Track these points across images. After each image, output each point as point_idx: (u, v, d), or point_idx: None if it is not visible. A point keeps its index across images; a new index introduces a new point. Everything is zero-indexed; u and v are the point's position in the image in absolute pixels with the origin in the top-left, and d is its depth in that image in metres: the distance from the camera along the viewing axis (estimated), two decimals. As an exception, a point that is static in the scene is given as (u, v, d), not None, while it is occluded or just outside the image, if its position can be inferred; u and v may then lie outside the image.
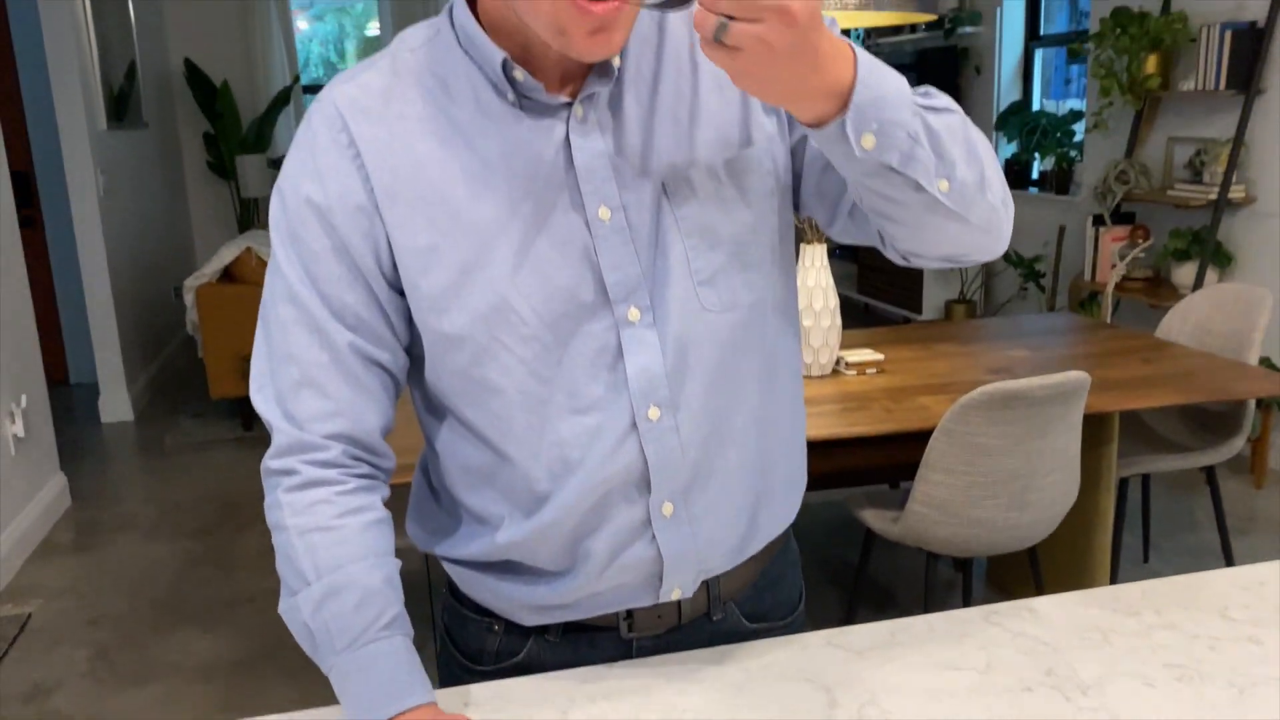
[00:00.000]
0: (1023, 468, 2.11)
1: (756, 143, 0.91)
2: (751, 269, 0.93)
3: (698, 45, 0.90)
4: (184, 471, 4.17)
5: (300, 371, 0.90)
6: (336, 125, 0.87)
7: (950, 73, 5.57)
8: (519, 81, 0.86)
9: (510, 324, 0.88)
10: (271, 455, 0.91)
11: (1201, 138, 3.95)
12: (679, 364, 0.91)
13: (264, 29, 6.67)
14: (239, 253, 4.43)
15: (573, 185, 0.87)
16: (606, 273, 0.88)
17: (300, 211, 0.88)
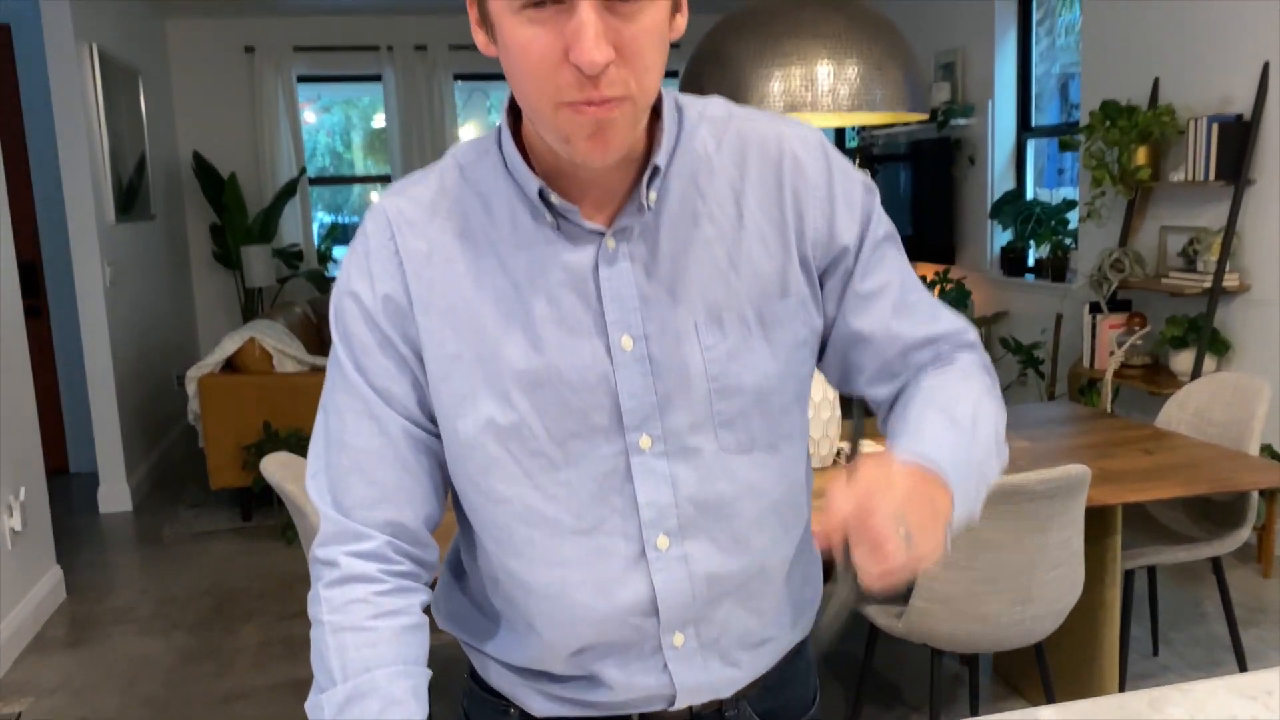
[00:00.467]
0: (1026, 562, 2.09)
1: (792, 296, 0.93)
2: (773, 415, 0.94)
3: (746, 192, 0.93)
4: (181, 563, 4.14)
5: (351, 459, 0.93)
6: (386, 234, 0.92)
7: (944, 163, 5.67)
8: (555, 204, 0.89)
9: (521, 438, 0.90)
10: (318, 543, 0.93)
11: (1194, 226, 4.01)
12: (691, 497, 0.92)
13: (272, 123, 6.82)
14: (242, 343, 4.46)
15: (598, 312, 0.90)
16: (623, 399, 0.90)
17: (351, 308, 0.93)
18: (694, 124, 0.93)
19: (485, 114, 8.06)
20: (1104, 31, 4.47)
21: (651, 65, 0.82)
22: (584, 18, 0.77)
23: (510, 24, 0.80)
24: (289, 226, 6.92)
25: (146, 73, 5.92)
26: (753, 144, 0.93)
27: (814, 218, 0.93)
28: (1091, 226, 4.58)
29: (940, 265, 5.79)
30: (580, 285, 0.90)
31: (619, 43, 0.78)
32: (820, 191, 0.93)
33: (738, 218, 0.92)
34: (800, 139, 0.94)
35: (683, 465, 0.91)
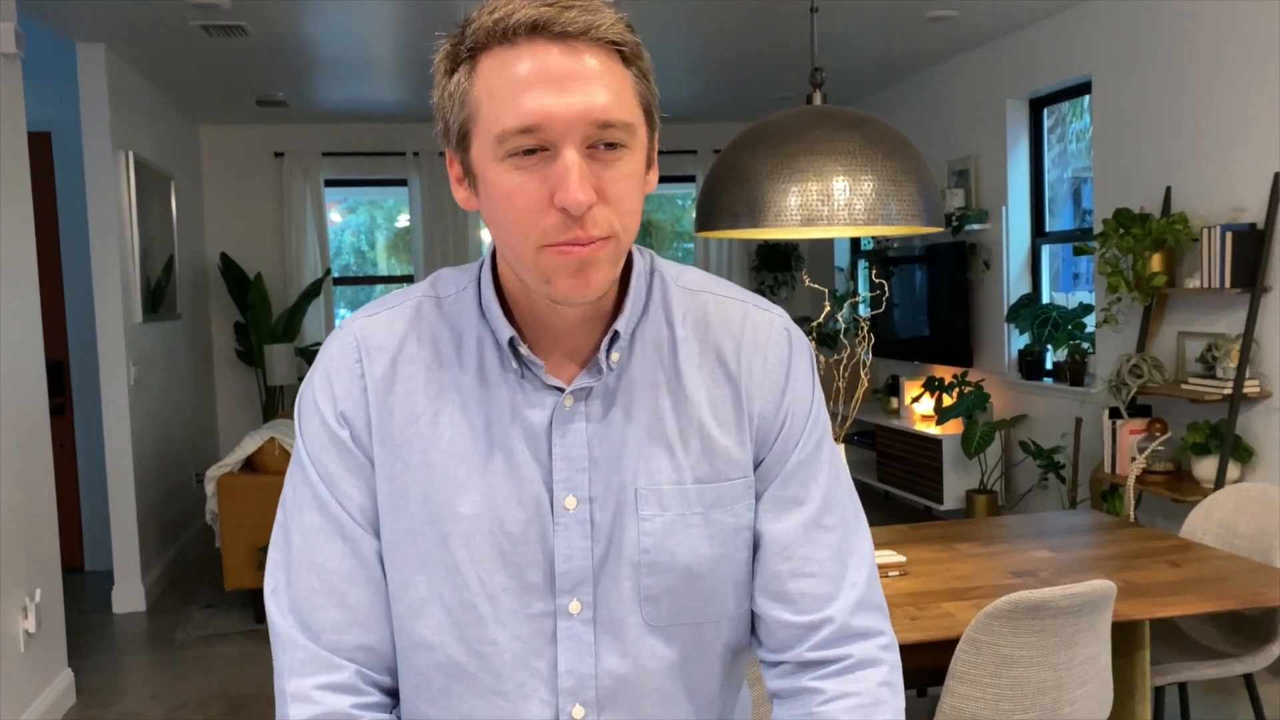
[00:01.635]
0: (1053, 679, 2.05)
1: (737, 479, 0.93)
2: (702, 596, 0.93)
3: (704, 368, 0.93)
4: (192, 666, 4.09)
5: (321, 579, 0.91)
6: (353, 356, 0.93)
7: (960, 267, 5.72)
8: (523, 356, 0.90)
9: (454, 585, 0.89)
10: (288, 673, 0.90)
11: (1211, 333, 4.01)
12: (611, 670, 0.91)
13: (299, 225, 6.98)
14: (262, 443, 4.48)
15: (547, 468, 0.90)
16: (559, 560, 0.89)
17: (319, 433, 0.93)
18: (665, 291, 0.95)
19: (506, 216, 8.24)
20: (1115, 141, 4.56)
21: (632, 208, 0.85)
22: (568, 162, 0.81)
23: (495, 173, 0.83)
24: (312, 325, 7.02)
25: (179, 177, 6.09)
26: (717, 320, 0.95)
27: (762, 404, 0.94)
28: (1109, 331, 4.59)
29: (958, 368, 5.80)
30: (534, 440, 0.90)
31: (600, 186, 0.82)
32: (776, 378, 0.94)
33: (694, 392, 0.93)
34: (766, 324, 0.96)
35: (607, 635, 0.90)
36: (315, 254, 7.06)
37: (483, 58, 0.84)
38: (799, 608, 0.94)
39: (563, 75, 0.80)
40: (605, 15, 0.83)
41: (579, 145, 0.82)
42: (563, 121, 0.80)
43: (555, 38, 0.81)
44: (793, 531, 0.94)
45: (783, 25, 4.74)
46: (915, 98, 6.21)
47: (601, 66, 0.82)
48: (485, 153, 0.83)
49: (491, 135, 0.83)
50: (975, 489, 5.43)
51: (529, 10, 0.81)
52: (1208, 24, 3.98)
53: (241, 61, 5.14)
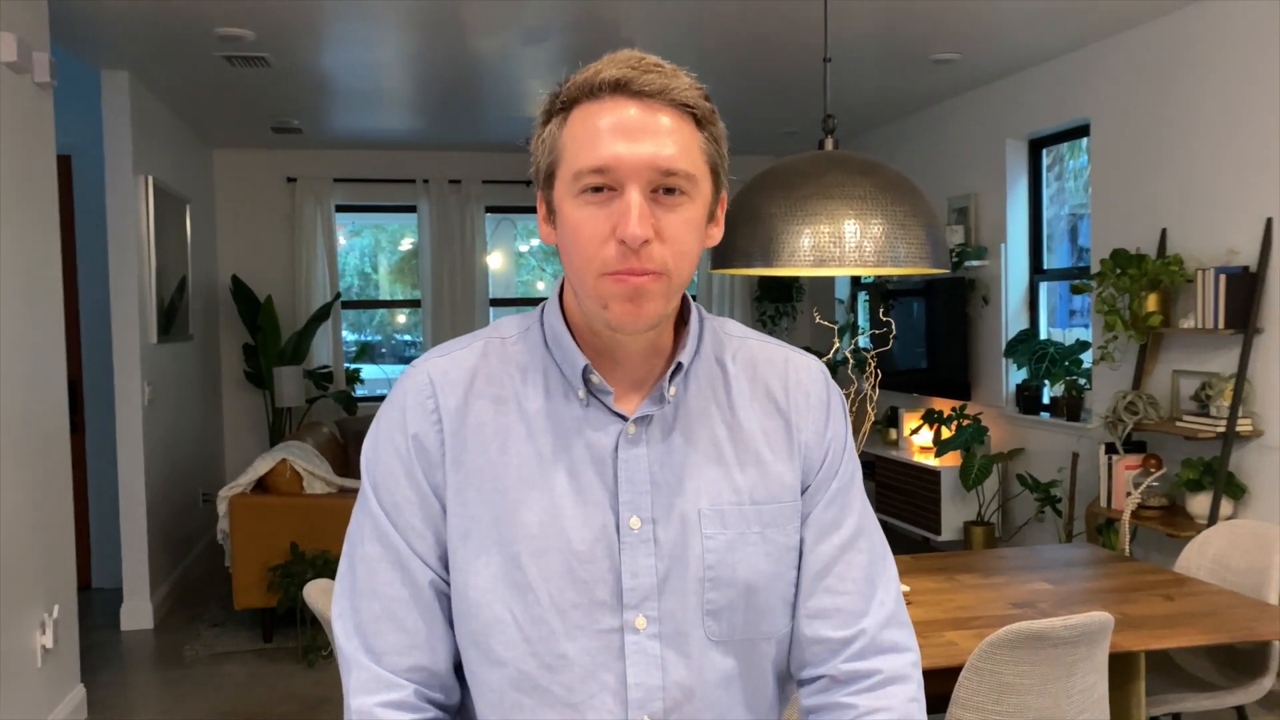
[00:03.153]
0: (1052, 707, 2.13)
1: (789, 501, 1.02)
2: (758, 612, 1.01)
3: (755, 400, 1.04)
4: (202, 684, 4.14)
5: (382, 605, 0.99)
6: (425, 392, 1.01)
7: (959, 303, 5.83)
8: (594, 384, 0.99)
9: (526, 602, 0.96)
10: (351, 693, 0.99)
11: (1205, 371, 4.11)
12: (678, 682, 0.97)
13: (309, 249, 7.09)
14: (274, 464, 4.56)
15: (613, 491, 0.98)
16: (625, 577, 0.97)
17: (390, 464, 1.01)
18: (714, 335, 1.06)
19: (512, 241, 8.34)
20: (1112, 182, 4.68)
21: (687, 250, 0.95)
22: (630, 200, 0.92)
23: (569, 206, 0.94)
24: (320, 348, 7.10)
25: (194, 201, 6.20)
26: (763, 361, 1.06)
27: (809, 435, 1.04)
28: (1105, 368, 4.69)
29: (957, 400, 5.89)
30: (599, 464, 0.98)
31: (659, 226, 0.93)
32: (818, 414, 1.05)
33: (748, 422, 1.03)
34: (805, 365, 1.08)
35: (672, 649, 0.97)
36: (324, 277, 7.16)
37: (573, 111, 0.95)
38: (834, 623, 1.03)
39: (636, 127, 0.92)
40: (681, 81, 0.95)
41: (643, 188, 0.92)
42: (630, 165, 0.92)
43: (634, 95, 0.93)
44: (831, 553, 1.04)
45: (791, 65, 4.87)
46: (917, 136, 6.35)
47: (672, 124, 0.93)
48: (564, 189, 0.95)
49: (570, 174, 0.94)
50: (973, 520, 5.51)
51: (614, 71, 0.93)
52: (1204, 71, 4.11)
53: (261, 90, 5.26)
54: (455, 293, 7.36)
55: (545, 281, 9.72)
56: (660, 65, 0.94)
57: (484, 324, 7.39)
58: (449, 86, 5.33)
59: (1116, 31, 4.53)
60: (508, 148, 7.13)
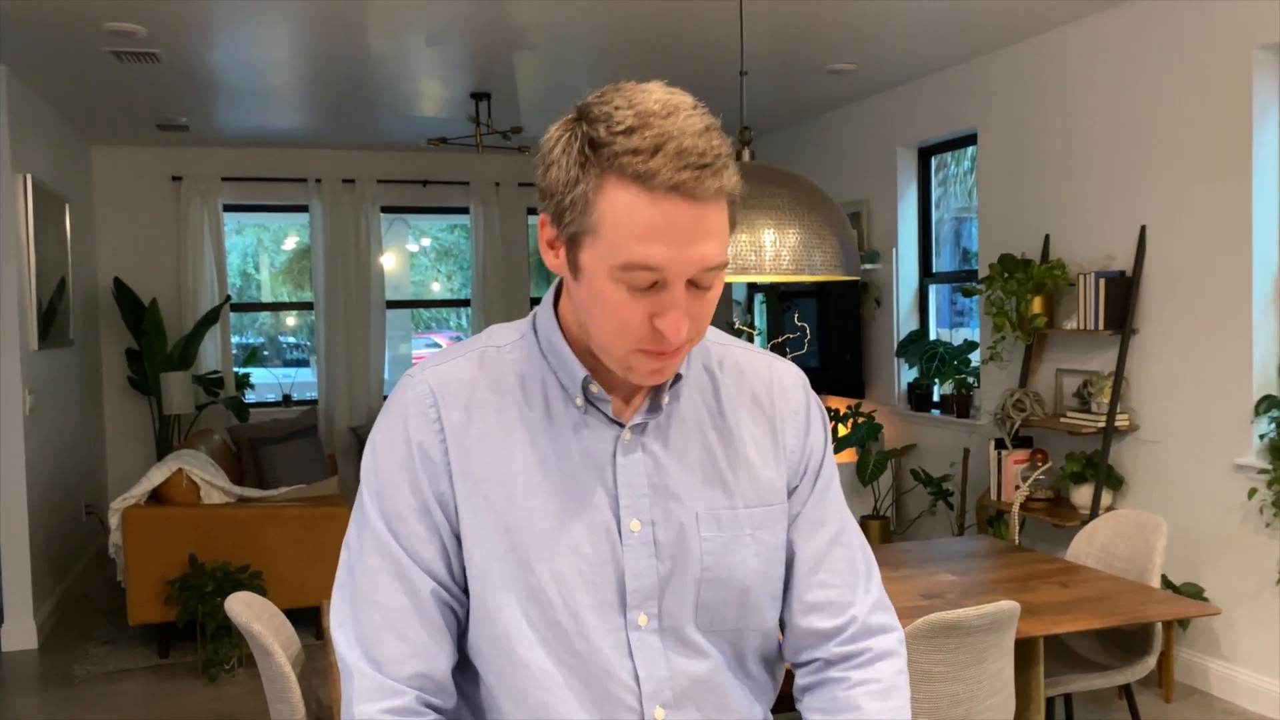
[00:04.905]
0: (965, 692, 2.24)
1: (778, 503, 1.08)
2: (750, 608, 1.07)
3: (743, 407, 1.08)
4: (96, 704, 3.98)
5: (383, 616, 1.00)
6: (427, 401, 1.02)
7: (853, 304, 6.02)
8: (593, 394, 1.02)
9: (540, 605, 1.00)
10: (354, 700, 1.00)
11: (1087, 370, 4.36)
12: (683, 671, 1.03)
13: (196, 251, 6.86)
14: (170, 474, 4.41)
15: (613, 495, 1.02)
16: (628, 578, 1.01)
17: (393, 474, 1.02)
18: (702, 345, 1.10)
19: (405, 240, 8.23)
20: (998, 190, 4.91)
21: (709, 318, 0.99)
22: (677, 298, 0.93)
23: (607, 284, 0.94)
24: (209, 353, 6.88)
25: (73, 200, 5.94)
26: (748, 368, 1.11)
27: (792, 440, 1.10)
28: (993, 368, 4.92)
29: (851, 399, 6.08)
30: (599, 469, 1.02)
31: (692, 311, 0.95)
32: (800, 419, 1.11)
33: (737, 428, 1.08)
34: (786, 371, 1.14)
35: (673, 642, 1.03)
36: (213, 279, 6.94)
37: (613, 179, 0.90)
38: (828, 614, 1.10)
39: (688, 232, 0.90)
40: (730, 174, 0.92)
41: (687, 284, 0.93)
42: (679, 267, 0.91)
43: (688, 198, 0.89)
44: (820, 549, 1.10)
45: (699, 74, 4.95)
46: (812, 142, 6.52)
47: (718, 221, 0.93)
48: (599, 265, 0.93)
49: (613, 261, 0.91)
50: (869, 515, 5.70)
51: (674, 174, 0.88)
52: (1084, 86, 4.35)
53: (148, 87, 5.07)
54: (350, 294, 7.22)
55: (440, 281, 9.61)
56: (712, 156, 0.90)
57: (379, 327, 7.28)
58: (345, 85, 5.24)
59: (1003, 45, 4.76)
60: (404, 147, 7.04)
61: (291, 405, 7.37)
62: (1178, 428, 3.97)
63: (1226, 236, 3.73)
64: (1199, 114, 3.82)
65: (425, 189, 7.36)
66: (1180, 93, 3.89)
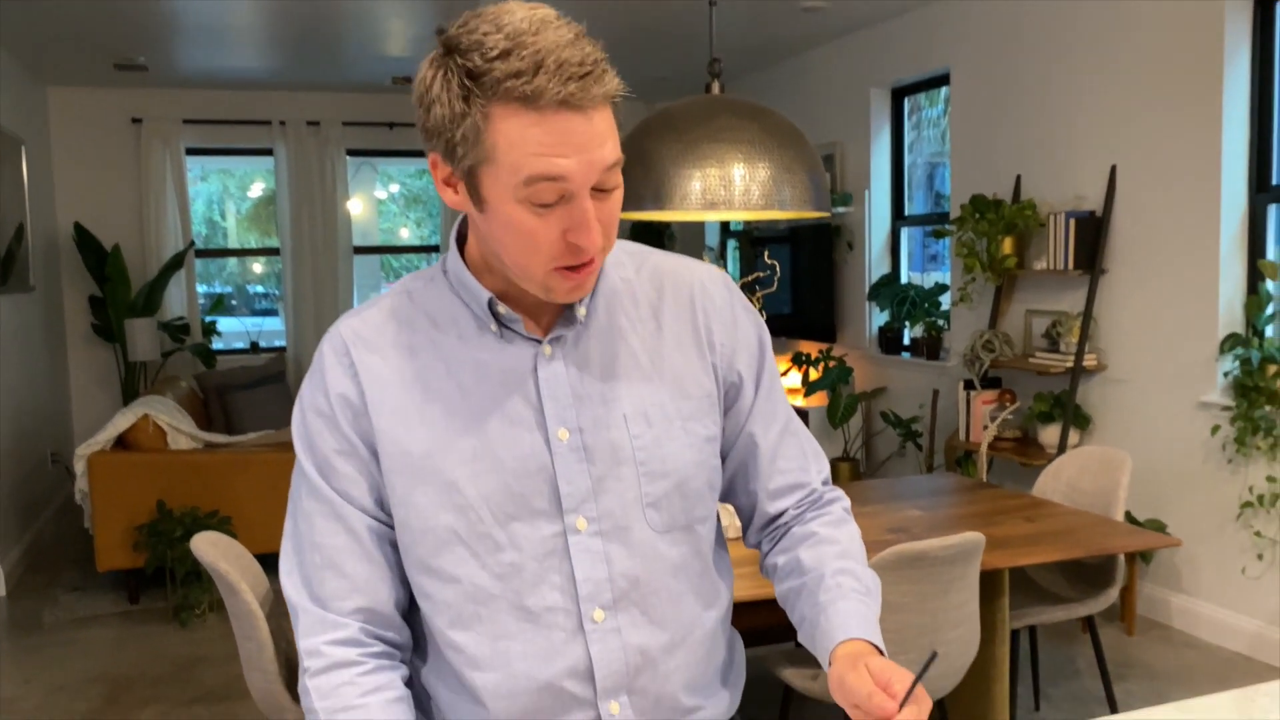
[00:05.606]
0: (930, 624, 2.27)
1: (705, 396, 1.10)
2: (690, 499, 1.09)
3: (663, 308, 1.10)
4: (66, 649, 3.97)
5: (322, 556, 1.03)
6: (342, 351, 1.05)
7: (825, 247, 6.01)
8: (501, 314, 1.03)
9: (468, 521, 1.01)
10: (301, 635, 1.02)
11: (1056, 310, 4.38)
12: (623, 572, 1.04)
13: (159, 195, 6.72)
14: (135, 420, 4.36)
15: (538, 408, 1.03)
16: (561, 484, 1.03)
17: (315, 422, 1.05)
18: (615, 256, 1.11)
19: (374, 186, 8.11)
20: (970, 131, 4.88)
21: (617, 221, 1.00)
22: (586, 209, 0.94)
23: (514, 210, 0.94)
24: (174, 299, 6.78)
25: (29, 142, 5.79)
26: (667, 272, 1.13)
27: (720, 336, 1.12)
28: (963, 309, 4.93)
29: (822, 344, 6.09)
30: (521, 385, 1.03)
31: (600, 218, 0.96)
32: (725, 315, 1.13)
33: (657, 329, 1.09)
34: (707, 273, 1.15)
35: (615, 544, 1.04)
36: (176, 225, 6.81)
37: (499, 106, 0.90)
38: (791, 497, 1.18)
39: (582, 140, 0.91)
40: (610, 77, 0.93)
41: (589, 191, 0.94)
42: (582, 174, 0.92)
43: (576, 109, 0.90)
44: (776, 438, 1.16)
45: (663, 8, 4.86)
46: (785, 83, 6.46)
47: (606, 123, 0.94)
48: (503, 192, 0.93)
49: (516, 180, 0.92)
50: (839, 457, 5.74)
51: (559, 88, 0.89)
52: (1057, 26, 4.32)
53: (104, 25, 4.93)
54: (316, 241, 7.12)
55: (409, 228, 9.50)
56: (590, 63, 0.90)
57: (347, 273, 7.20)
58: (307, 22, 5.11)
59: (975, -16, 4.71)
60: (370, 88, 6.90)
61: (259, 353, 7.30)
62: (1144, 367, 4.01)
63: (1196, 176, 3.74)
64: (1170, 54, 3.80)
65: (392, 131, 7.24)
66: (1152, 33, 3.87)
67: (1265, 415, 3.50)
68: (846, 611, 1.06)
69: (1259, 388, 3.50)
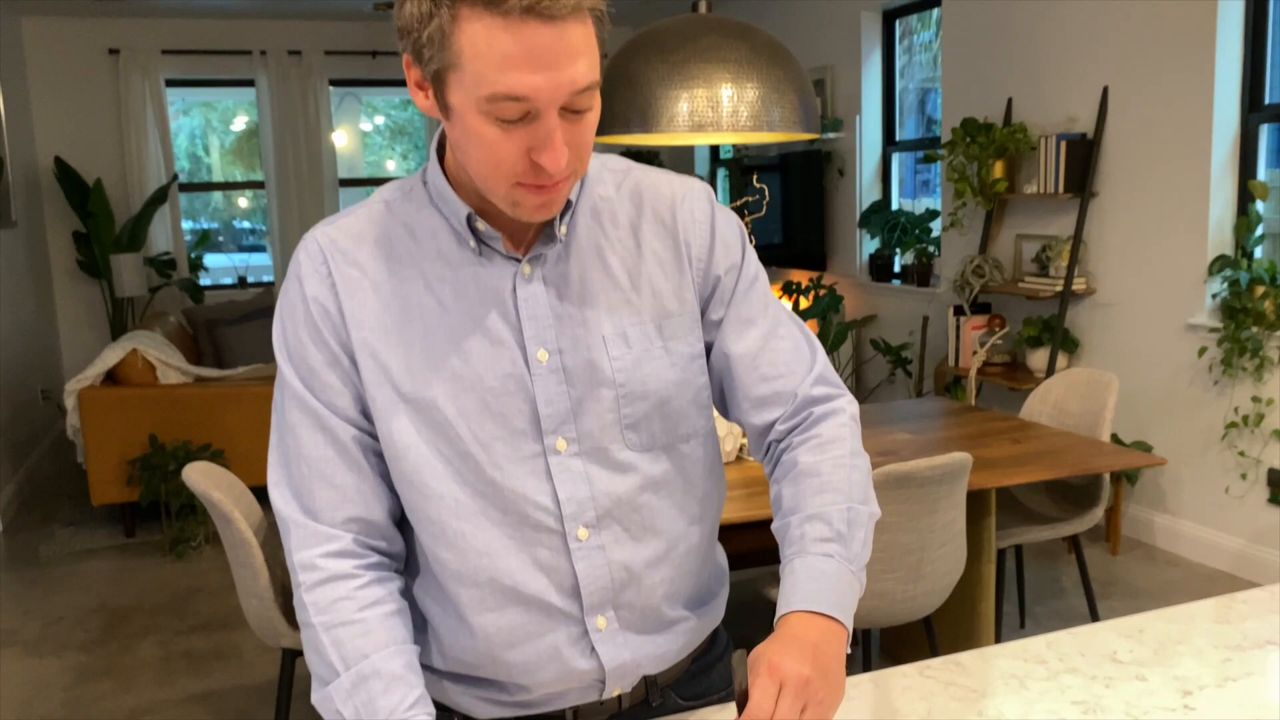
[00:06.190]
0: (917, 542, 2.30)
1: (687, 314, 1.07)
2: (672, 419, 1.07)
3: (643, 226, 1.07)
4: (64, 583, 4.01)
5: (310, 467, 1.02)
6: (319, 260, 1.02)
7: (816, 175, 5.96)
8: (480, 231, 1.01)
9: (449, 439, 1.01)
10: (294, 549, 1.01)
11: (1046, 235, 4.37)
12: (605, 491, 1.03)
13: (139, 128, 6.62)
14: (124, 354, 4.35)
15: (517, 328, 1.01)
16: (540, 405, 1.01)
17: (297, 332, 1.02)
18: (597, 171, 1.08)
19: (358, 118, 7.99)
20: (961, 53, 4.82)
21: (590, 143, 0.96)
22: (552, 128, 0.90)
23: (477, 120, 0.90)
24: (159, 234, 6.72)
25: (5, 74, 5.68)
26: (648, 188, 1.09)
27: (699, 248, 1.08)
28: (954, 235, 4.91)
29: (813, 272, 6.08)
30: (500, 304, 1.01)
31: (571, 140, 0.92)
32: (704, 227, 1.09)
33: (636, 247, 1.06)
34: (687, 187, 1.11)
35: (596, 464, 1.03)
36: (158, 158, 6.72)
37: (465, 9, 0.86)
38: (775, 405, 1.10)
39: (551, 56, 0.87)
40: None
41: (557, 110, 0.90)
42: (548, 96, 0.88)
43: (545, 19, 0.85)
44: (754, 346, 1.09)
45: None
46: (774, 5, 6.34)
47: (581, 39, 0.89)
48: (467, 101, 0.89)
49: (479, 93, 0.88)
50: (830, 385, 5.76)
51: None
52: (1048, -57, 4.24)
53: (75, -51, 4.80)
54: (301, 174, 7.04)
55: (395, 161, 9.39)
56: None
57: (334, 207, 7.13)
58: (288, -52, 4.99)
59: (967, -100, 4.60)
60: (351, 15, 6.77)
61: (247, 288, 7.26)
62: (1133, 290, 4.01)
63: (1188, 95, 3.70)
64: (1166, -32, 3.74)
65: (375, 60, 7.11)
66: (1148, -54, 3.80)
67: (1252, 336, 3.51)
68: (798, 573, 0.99)
69: (1246, 309, 3.51)
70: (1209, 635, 1.26)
